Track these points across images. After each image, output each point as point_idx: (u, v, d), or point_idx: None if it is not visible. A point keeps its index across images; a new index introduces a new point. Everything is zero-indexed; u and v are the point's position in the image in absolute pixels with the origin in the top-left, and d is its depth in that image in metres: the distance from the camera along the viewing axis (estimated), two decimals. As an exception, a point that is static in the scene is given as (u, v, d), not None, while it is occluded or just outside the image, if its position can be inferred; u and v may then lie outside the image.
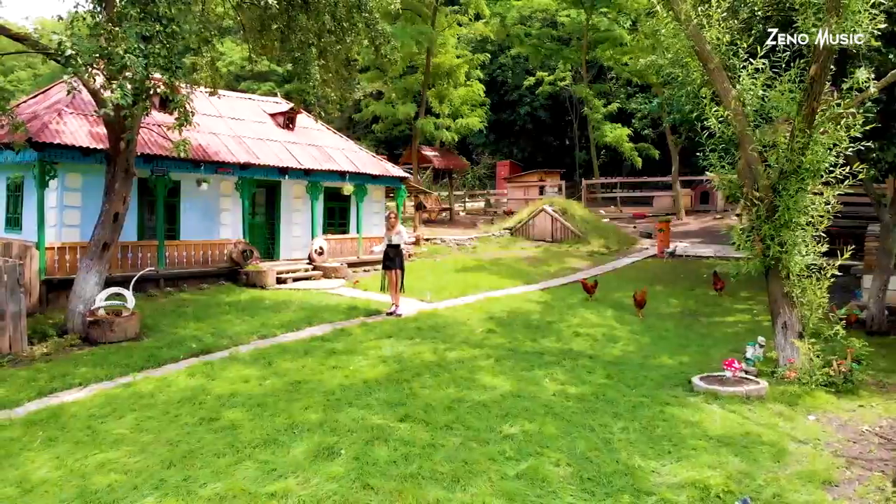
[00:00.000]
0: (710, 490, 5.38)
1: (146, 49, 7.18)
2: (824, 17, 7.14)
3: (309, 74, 9.55)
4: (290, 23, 9.13)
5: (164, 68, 7.54)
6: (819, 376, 8.13)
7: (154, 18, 7.22)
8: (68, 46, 6.76)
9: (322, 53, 9.99)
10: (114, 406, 7.32)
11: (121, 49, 6.97)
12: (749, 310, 13.93)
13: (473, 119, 28.64)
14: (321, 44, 9.70)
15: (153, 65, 7.29)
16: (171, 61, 7.57)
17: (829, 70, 7.57)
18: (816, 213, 8.41)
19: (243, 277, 14.45)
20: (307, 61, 9.43)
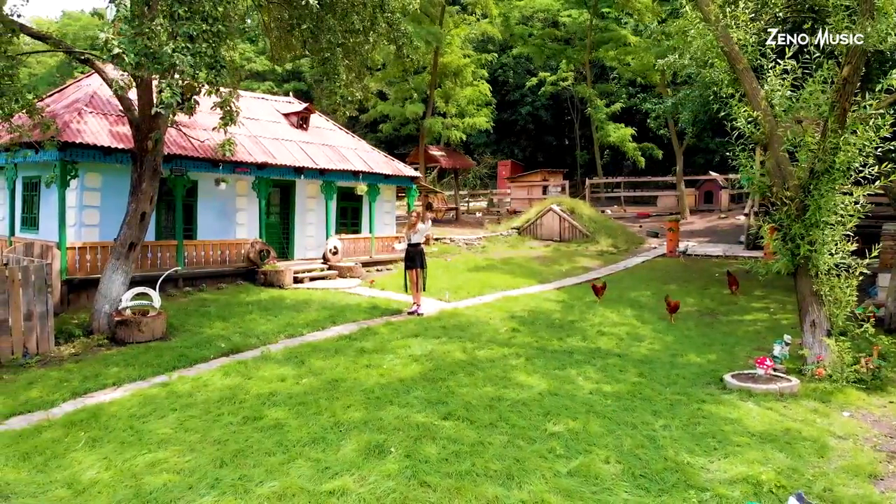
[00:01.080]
0: (762, 485, 5.44)
1: (193, 48, 7.19)
2: (858, 20, 7.21)
3: (338, 74, 9.57)
4: (319, 23, 9.15)
5: (210, 67, 7.55)
6: (849, 373, 8.21)
7: (201, 18, 7.22)
8: (115, 45, 6.76)
9: (347, 54, 10.02)
10: (153, 406, 7.33)
11: (169, 48, 6.97)
12: (766, 308, 14.01)
13: (480, 119, 28.69)
14: (350, 44, 9.72)
15: (200, 64, 7.30)
16: (217, 60, 7.58)
17: (861, 71, 7.65)
18: (846, 212, 8.49)
19: (261, 277, 14.46)
20: (336, 61, 9.47)
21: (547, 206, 23.69)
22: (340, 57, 9.63)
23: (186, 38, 7.22)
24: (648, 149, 33.02)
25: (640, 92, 39.37)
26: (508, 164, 39.60)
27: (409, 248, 12.13)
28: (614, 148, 34.66)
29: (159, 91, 7.49)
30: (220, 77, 7.84)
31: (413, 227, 12.20)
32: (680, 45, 11.70)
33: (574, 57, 34.74)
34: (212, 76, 7.69)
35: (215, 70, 7.66)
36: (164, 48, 6.87)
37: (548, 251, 21.13)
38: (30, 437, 6.55)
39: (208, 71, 7.60)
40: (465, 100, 28.68)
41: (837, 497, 5.26)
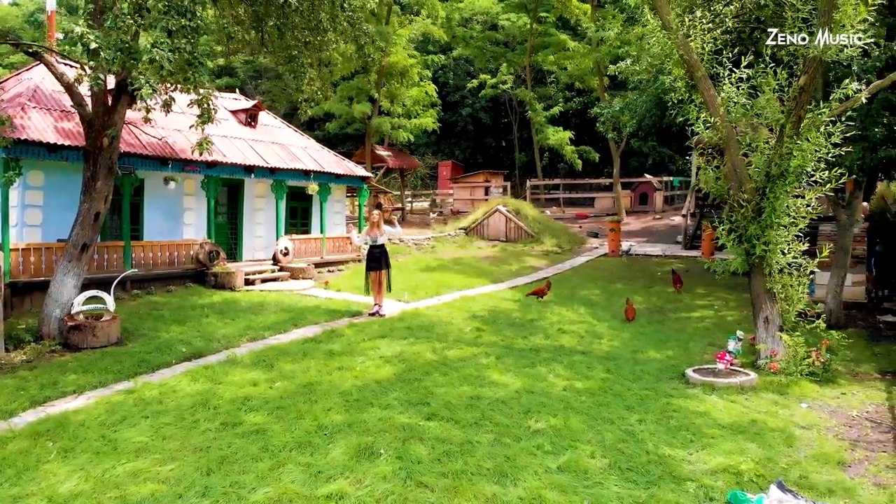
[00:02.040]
0: (742, 475, 5.71)
1: (172, 44, 6.91)
2: (815, 31, 7.65)
3: (305, 72, 9.41)
4: (285, 20, 8.97)
5: (188, 64, 7.28)
6: (803, 367, 8.69)
7: (179, 13, 6.95)
8: (91, 40, 6.43)
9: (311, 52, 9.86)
10: (122, 414, 7.05)
11: (148, 43, 6.67)
12: (710, 306, 14.62)
13: (427, 119, 28.73)
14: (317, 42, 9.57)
15: (179, 60, 7.02)
16: (196, 57, 7.31)
17: (817, 80, 8.12)
18: (798, 214, 8.98)
19: (211, 279, 14.06)
20: (304, 59, 9.30)
21: (493, 206, 23.98)
22: (307, 55, 9.48)
23: (165, 32, 6.95)
24: (585, 151, 33.87)
25: (577, 96, 40.38)
26: (449, 165, 39.84)
27: (373, 249, 12.04)
28: (553, 150, 35.37)
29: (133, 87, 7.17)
30: (199, 74, 7.59)
31: (378, 226, 12.12)
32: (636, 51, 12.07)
33: (514, 60, 35.29)
34: (190, 73, 7.43)
35: (193, 66, 7.40)
36: (144, 43, 6.60)
37: (496, 251, 21.39)
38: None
39: (186, 67, 7.34)
40: (410, 100, 28.67)
41: (813, 483, 5.58)
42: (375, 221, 12.14)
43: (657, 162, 39.58)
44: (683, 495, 5.39)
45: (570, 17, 33.03)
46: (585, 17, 31.91)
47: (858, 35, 7.49)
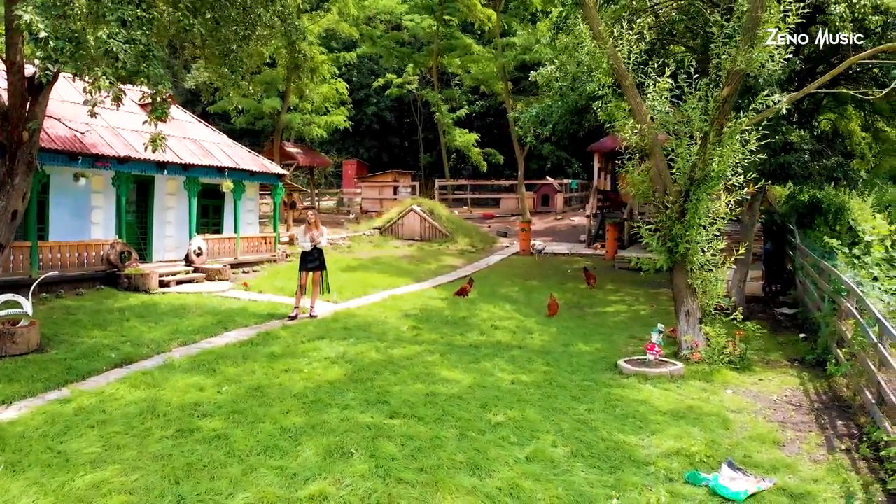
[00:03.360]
0: (693, 457, 6.19)
1: (127, 35, 6.49)
2: (740, 47, 8.35)
3: (242, 68, 9.11)
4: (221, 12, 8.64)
5: (142, 56, 6.85)
6: (724, 356, 9.44)
7: (134, 3, 6.51)
8: (41, 28, 5.92)
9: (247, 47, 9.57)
10: (64, 424, 6.63)
11: (103, 33, 6.23)
12: (622, 301, 15.45)
13: (339, 117, 28.35)
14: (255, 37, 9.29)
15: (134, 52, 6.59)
16: (150, 49, 6.88)
17: (738, 91, 8.85)
18: (717, 215, 9.74)
19: (124, 281, 13.31)
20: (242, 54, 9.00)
21: (408, 206, 24.11)
22: (245, 50, 9.20)
23: (119, 23, 6.53)
24: (491, 154, 34.67)
25: (480, 99, 41.21)
26: (354, 164, 39.55)
27: (313, 250, 11.77)
28: (459, 151, 35.94)
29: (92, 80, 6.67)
30: (153, 67, 7.17)
31: (317, 226, 11.91)
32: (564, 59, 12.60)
33: (421, 61, 35.53)
34: (144, 66, 7.02)
35: (148, 59, 6.99)
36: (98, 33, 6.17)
37: (412, 251, 21.53)
38: (-73, 468, 5.68)
39: (141, 60, 6.92)
40: (320, 97, 28.23)
41: (757, 462, 6.13)
42: (313, 221, 11.93)
43: (555, 165, 41.16)
44: (646, 478, 5.78)
45: (474, 21, 33.66)
46: (490, 22, 32.62)
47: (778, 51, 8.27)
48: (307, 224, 12.11)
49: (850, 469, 5.98)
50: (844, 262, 9.83)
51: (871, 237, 9.74)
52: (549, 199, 32.80)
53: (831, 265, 10.12)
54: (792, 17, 8.19)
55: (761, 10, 8.23)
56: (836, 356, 8.84)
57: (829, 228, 16.12)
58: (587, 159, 41.73)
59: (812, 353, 9.99)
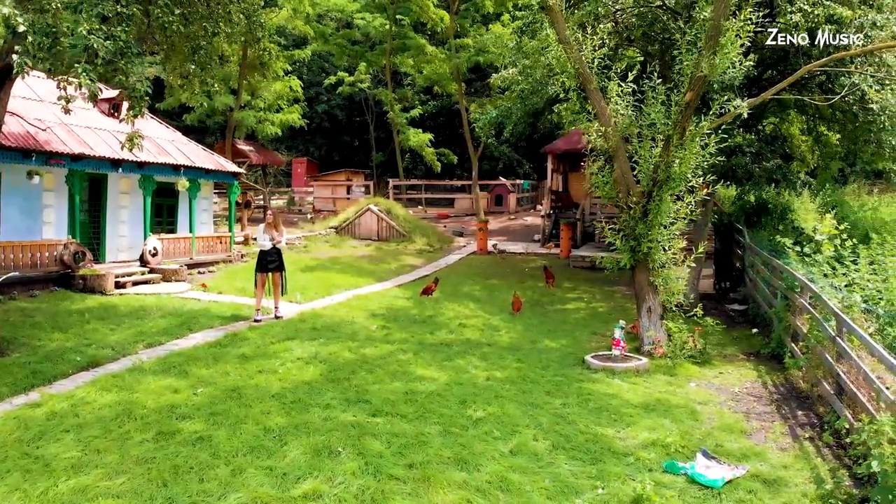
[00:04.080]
0: (669, 447, 6.45)
1: (108, 31, 6.28)
2: (703, 54, 8.70)
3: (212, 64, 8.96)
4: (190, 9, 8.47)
5: (121, 53, 6.64)
6: (685, 351, 9.81)
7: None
8: (20, 22, 5.69)
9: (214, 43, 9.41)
10: (38, 429, 6.45)
11: (83, 29, 6.01)
12: (580, 298, 15.80)
13: (294, 115, 27.97)
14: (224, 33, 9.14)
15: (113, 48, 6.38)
16: (129, 46, 6.68)
17: (700, 96, 9.22)
18: (677, 215, 10.11)
19: (80, 282, 12.90)
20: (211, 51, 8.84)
21: (364, 206, 24.04)
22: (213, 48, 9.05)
23: (99, 19, 6.33)
24: (444, 154, 34.80)
25: (432, 99, 41.30)
26: (304, 162, 39.09)
27: (272, 250, 11.63)
28: (413, 151, 35.96)
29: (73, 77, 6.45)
30: (132, 64, 6.97)
31: (276, 226, 11.79)
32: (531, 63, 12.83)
33: (373, 60, 35.37)
34: (122, 63, 6.81)
35: (126, 56, 6.80)
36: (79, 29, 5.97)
37: (371, 250, 21.49)
38: None
39: (119, 57, 6.72)
40: (273, 94, 27.83)
41: (728, 451, 6.44)
42: (271, 221, 11.80)
43: (507, 166, 41.61)
44: (626, 468, 6.02)
45: (427, 21, 33.73)
46: (442, 23, 32.75)
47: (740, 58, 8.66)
48: (266, 224, 11.94)
49: (815, 456, 6.35)
50: (796, 260, 10.33)
51: (822, 236, 10.25)
52: (503, 200, 33.17)
53: (783, 263, 10.63)
54: (751, 25, 8.59)
55: (723, 18, 8.60)
56: (791, 350, 9.29)
57: (773, 228, 16.90)
58: (537, 160, 42.41)
59: (767, 347, 10.47)
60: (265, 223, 11.94)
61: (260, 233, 11.84)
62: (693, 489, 5.62)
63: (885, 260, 9.66)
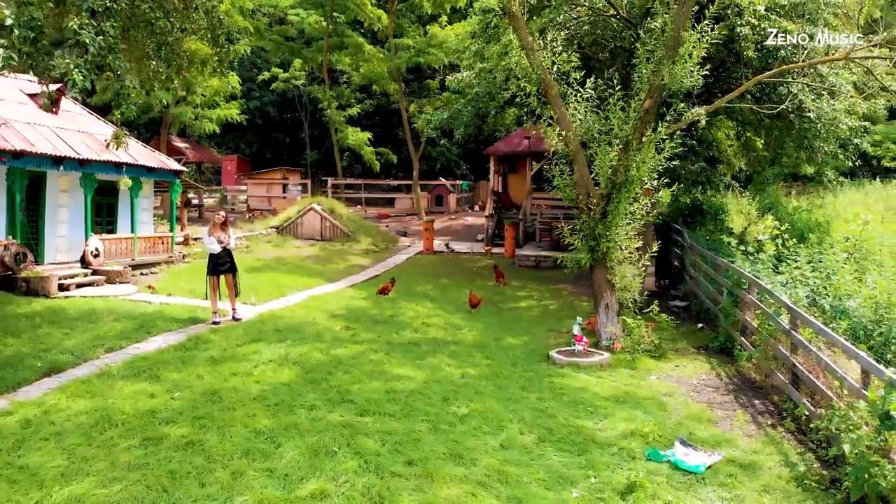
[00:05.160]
0: (647, 437, 6.82)
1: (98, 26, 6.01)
2: (662, 64, 9.17)
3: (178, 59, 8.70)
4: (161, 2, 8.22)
5: (110, 49, 6.36)
6: (643, 346, 10.29)
7: None
8: (7, 15, 5.37)
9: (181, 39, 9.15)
10: (14, 438, 6.21)
11: (74, 23, 5.73)
12: (530, 297, 16.21)
13: (233, 111, 27.26)
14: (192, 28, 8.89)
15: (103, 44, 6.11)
16: (117, 41, 6.41)
17: (657, 103, 9.70)
18: (634, 216, 10.58)
19: (22, 285, 12.26)
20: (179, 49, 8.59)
21: (307, 205, 23.77)
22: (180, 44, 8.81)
23: (89, 13, 6.05)
24: (384, 153, 34.79)
25: (368, 98, 41.09)
26: (235, 160, 38.19)
27: (222, 252, 11.35)
28: (352, 150, 35.74)
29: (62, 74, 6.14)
30: (119, 60, 6.70)
31: (224, 227, 11.54)
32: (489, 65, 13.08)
33: (310, 57, 34.91)
34: (111, 58, 6.54)
35: (114, 52, 6.53)
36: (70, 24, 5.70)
37: (315, 250, 21.28)
38: None
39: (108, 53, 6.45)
40: (210, 90, 27.07)
41: (701, 438, 6.86)
42: (220, 222, 11.51)
43: (444, 166, 41.94)
44: (612, 457, 6.35)
45: (364, 19, 33.58)
46: (380, 22, 32.70)
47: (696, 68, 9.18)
48: (212, 224, 11.59)
49: (780, 441, 6.86)
50: (741, 259, 11.01)
51: (764, 236, 10.96)
52: (443, 200, 33.46)
53: (728, 261, 11.30)
54: (708, 38, 9.12)
55: (682, 30, 9.09)
56: (741, 343, 9.90)
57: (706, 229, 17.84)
58: (473, 161, 42.98)
59: (715, 341, 11.09)
60: (211, 224, 11.59)
61: (205, 235, 11.51)
62: (678, 475, 5.98)
63: (823, 258, 10.45)
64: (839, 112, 12.34)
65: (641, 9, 11.88)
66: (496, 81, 13.01)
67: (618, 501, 5.48)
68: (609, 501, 5.47)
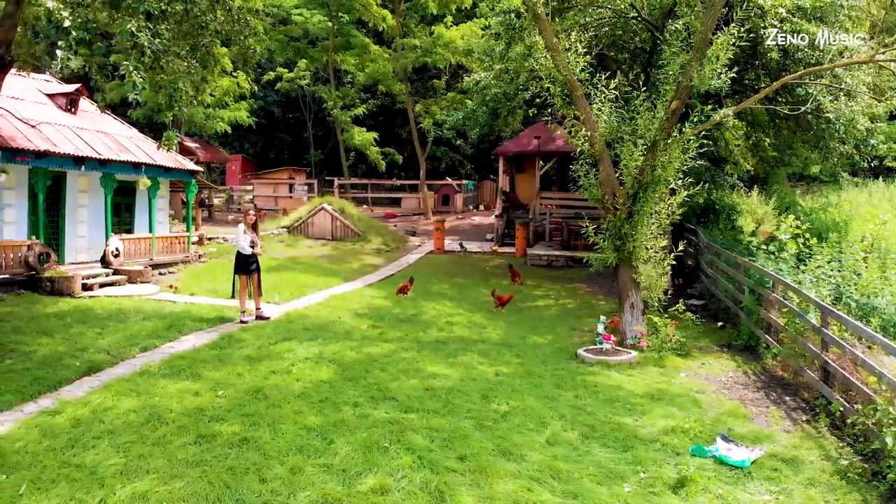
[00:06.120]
0: (689, 432, 6.92)
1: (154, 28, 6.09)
2: (691, 65, 9.29)
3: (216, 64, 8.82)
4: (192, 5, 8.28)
5: (163, 51, 6.43)
6: (669, 344, 10.40)
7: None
8: (65, 17, 5.44)
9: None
10: (67, 437, 6.27)
11: (132, 25, 5.79)
12: (547, 295, 16.33)
13: (241, 112, 27.32)
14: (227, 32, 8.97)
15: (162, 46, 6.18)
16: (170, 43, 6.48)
17: (685, 103, 9.81)
18: (659, 216, 10.69)
19: (47, 285, 12.34)
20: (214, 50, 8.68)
21: (318, 205, 23.85)
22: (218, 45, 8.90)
23: (144, 15, 6.13)
24: (389, 153, 34.86)
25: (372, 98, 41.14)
26: (239, 160, 38.29)
27: (251, 252, 11.46)
28: (357, 150, 35.79)
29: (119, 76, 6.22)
30: (172, 63, 6.77)
31: (255, 227, 11.65)
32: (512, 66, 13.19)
33: (315, 57, 34.96)
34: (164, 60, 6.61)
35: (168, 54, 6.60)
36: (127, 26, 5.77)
37: (328, 250, 21.37)
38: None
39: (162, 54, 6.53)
40: (220, 91, 27.13)
41: (739, 434, 6.97)
42: (252, 222, 11.64)
43: (449, 166, 42.03)
44: (656, 453, 6.45)
45: (369, 20, 33.65)
46: (385, 22, 32.77)
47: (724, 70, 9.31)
48: (246, 224, 11.72)
49: (818, 437, 6.97)
50: (764, 258, 11.13)
51: (785, 235, 11.07)
52: (449, 199, 33.55)
53: (750, 260, 11.41)
54: (735, 39, 9.25)
55: (710, 32, 9.21)
56: (765, 341, 10.02)
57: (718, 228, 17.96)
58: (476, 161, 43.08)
59: (738, 339, 11.21)
60: (245, 223, 11.70)
61: (241, 234, 11.61)
62: (724, 470, 6.10)
63: (843, 257, 10.58)
64: (856, 113, 12.49)
65: (662, 10, 12.00)
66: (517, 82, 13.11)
67: (669, 495, 5.60)
68: (661, 495, 5.59)
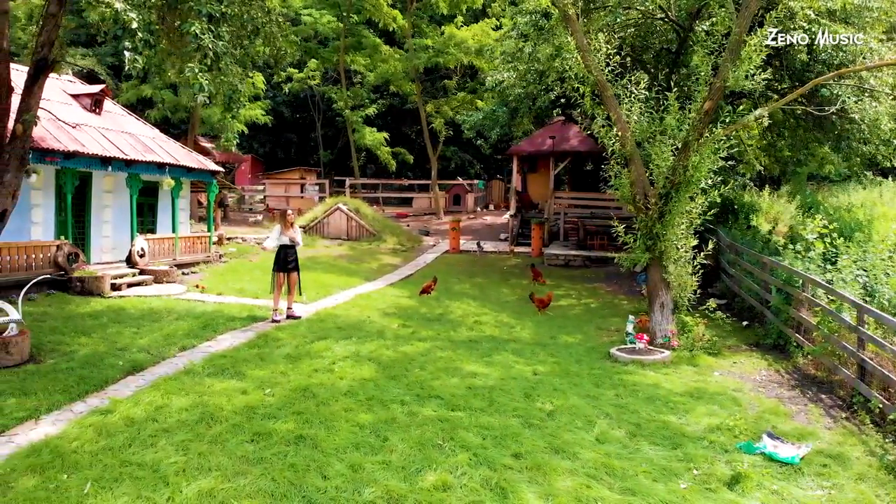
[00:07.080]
0: (734, 430, 6.98)
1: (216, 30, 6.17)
2: (724, 66, 9.36)
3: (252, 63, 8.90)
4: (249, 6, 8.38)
5: (224, 53, 6.52)
6: (700, 343, 10.48)
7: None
8: (133, 18, 5.51)
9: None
10: (123, 436, 6.34)
11: (196, 29, 5.87)
12: (569, 295, 16.41)
13: (257, 111, 27.40)
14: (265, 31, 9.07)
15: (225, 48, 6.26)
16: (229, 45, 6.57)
17: (719, 104, 9.89)
18: (690, 216, 10.76)
19: (77, 285, 12.43)
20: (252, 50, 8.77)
21: (333, 204, 23.94)
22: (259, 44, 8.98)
23: (206, 18, 6.21)
24: (400, 153, 34.96)
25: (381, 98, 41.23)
26: (249, 160, 38.37)
27: (289, 250, 11.59)
28: (368, 150, 35.89)
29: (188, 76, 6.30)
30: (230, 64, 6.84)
31: (291, 225, 11.76)
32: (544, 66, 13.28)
33: (326, 57, 35.04)
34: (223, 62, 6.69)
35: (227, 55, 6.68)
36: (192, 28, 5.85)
37: (345, 250, 21.46)
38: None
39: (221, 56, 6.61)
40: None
41: (783, 431, 7.04)
42: (291, 221, 11.78)
43: (458, 166, 42.14)
44: (705, 450, 6.52)
45: (379, 20, 33.73)
46: (395, 22, 32.85)
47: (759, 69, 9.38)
48: (284, 223, 11.88)
49: (859, 433, 7.05)
50: (791, 258, 11.20)
51: (812, 235, 11.15)
52: (461, 199, 33.64)
53: (777, 259, 11.48)
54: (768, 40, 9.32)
55: (744, 33, 9.29)
56: (796, 340, 10.08)
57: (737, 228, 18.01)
58: (486, 161, 43.16)
59: (766, 338, 11.28)
60: (282, 223, 11.82)
61: (276, 233, 11.74)
62: (775, 466, 6.17)
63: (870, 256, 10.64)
64: (881, 114, 12.56)
65: (689, 11, 12.07)
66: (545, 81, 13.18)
67: (725, 491, 5.67)
68: (718, 492, 5.66)
